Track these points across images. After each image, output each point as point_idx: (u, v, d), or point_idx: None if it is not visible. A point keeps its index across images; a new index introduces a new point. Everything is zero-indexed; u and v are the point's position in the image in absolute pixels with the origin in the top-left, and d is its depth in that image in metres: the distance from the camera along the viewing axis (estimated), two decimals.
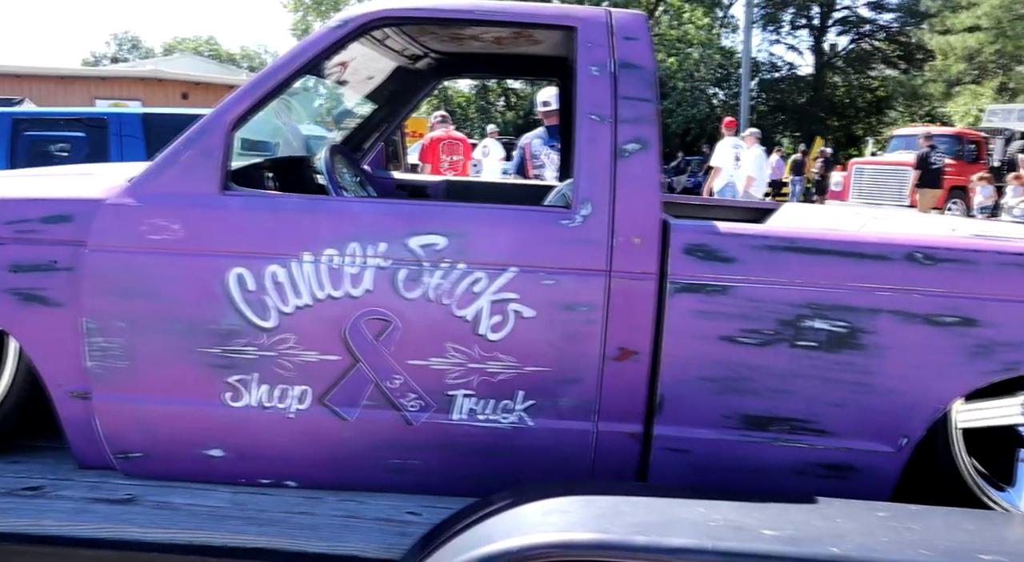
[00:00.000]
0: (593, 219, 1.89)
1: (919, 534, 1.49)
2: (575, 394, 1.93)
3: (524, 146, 5.13)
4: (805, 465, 1.94)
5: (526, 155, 5.03)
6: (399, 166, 7.59)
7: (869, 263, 1.85)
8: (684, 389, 1.92)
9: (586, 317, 1.89)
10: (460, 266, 1.89)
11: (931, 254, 1.84)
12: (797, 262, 1.86)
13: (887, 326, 1.85)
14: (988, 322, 1.83)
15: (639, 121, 1.92)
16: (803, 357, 1.88)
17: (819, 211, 3.25)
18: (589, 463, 1.98)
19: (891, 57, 29.28)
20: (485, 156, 10.50)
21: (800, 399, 1.90)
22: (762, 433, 1.93)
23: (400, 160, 7.90)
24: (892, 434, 1.90)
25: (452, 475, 2.00)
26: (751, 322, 1.87)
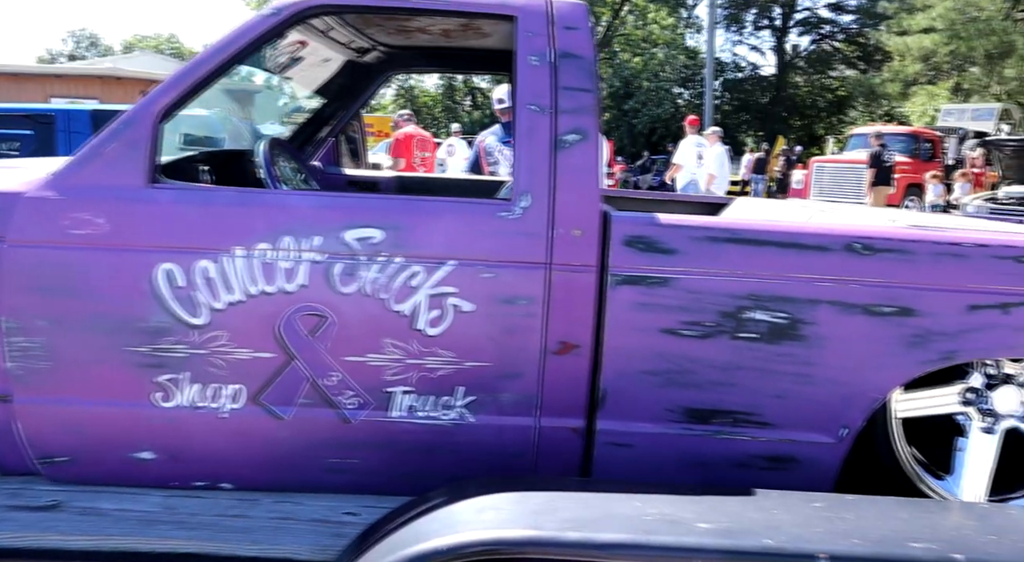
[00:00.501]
0: (532, 211, 1.86)
1: (853, 524, 1.48)
2: (516, 389, 1.90)
3: (479, 143, 5.06)
4: (748, 458, 1.94)
5: (480, 152, 5.01)
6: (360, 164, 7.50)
7: (809, 254, 1.85)
8: (626, 383, 1.90)
9: (526, 311, 1.86)
10: (397, 260, 1.84)
11: (869, 245, 1.84)
12: (738, 254, 1.85)
13: (827, 317, 1.85)
14: (925, 312, 1.84)
15: (579, 112, 1.90)
16: (744, 349, 1.87)
17: (770, 205, 3.26)
18: (532, 459, 1.95)
19: (851, 58, 29.84)
20: (451, 155, 10.44)
21: (742, 391, 1.89)
22: (705, 426, 1.92)
23: (361, 158, 7.82)
24: (833, 425, 1.91)
25: (392, 473, 1.96)
26: (692, 314, 1.86)
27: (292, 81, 3.45)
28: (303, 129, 3.43)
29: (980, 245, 1.85)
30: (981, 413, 2.00)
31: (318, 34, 2.61)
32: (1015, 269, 1.83)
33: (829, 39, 30.33)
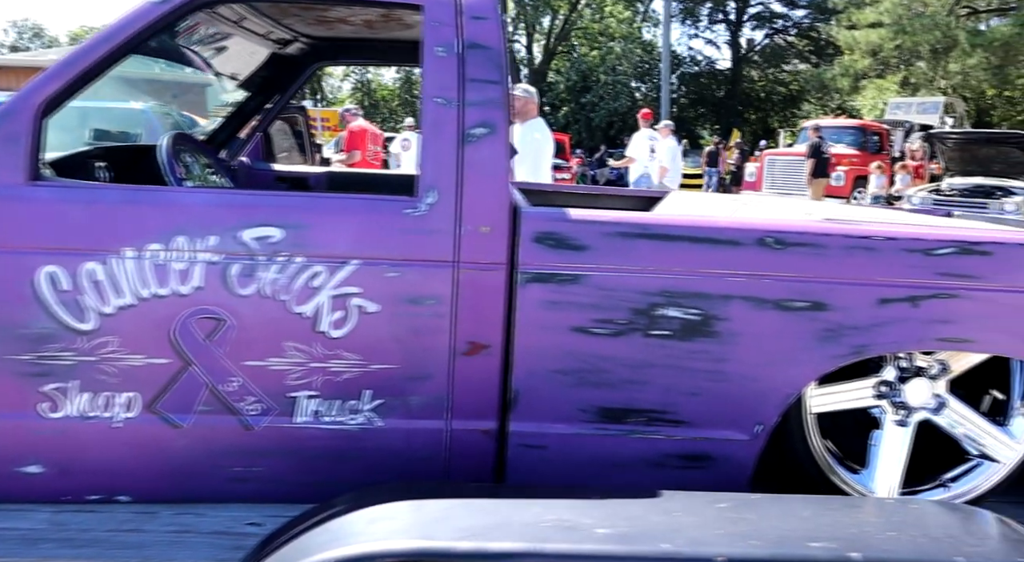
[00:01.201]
0: (439, 208, 1.80)
1: (754, 524, 1.45)
2: (425, 391, 1.84)
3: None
4: (663, 457, 1.91)
5: None
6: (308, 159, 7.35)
7: (721, 249, 1.82)
8: (538, 383, 1.85)
9: (433, 311, 1.80)
10: (298, 259, 1.77)
11: (781, 239, 1.82)
12: (649, 249, 1.82)
13: (740, 313, 1.83)
14: (837, 306, 1.83)
15: (487, 104, 1.84)
16: (657, 347, 1.84)
17: (701, 199, 3.25)
18: (443, 463, 1.89)
19: (803, 52, 30.32)
20: (405, 150, 10.31)
21: (656, 390, 1.86)
22: (619, 426, 1.88)
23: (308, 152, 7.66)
24: (747, 422, 1.89)
25: (299, 481, 1.89)
26: (604, 312, 1.82)
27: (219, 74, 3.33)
28: (228, 123, 3.31)
29: (889, 238, 1.84)
30: (894, 406, 2.00)
31: (231, 24, 2.51)
32: (923, 262, 1.83)
33: (782, 33, 30.78)
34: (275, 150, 7.51)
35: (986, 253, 1.84)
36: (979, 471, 2.03)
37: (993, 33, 18.63)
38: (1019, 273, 1.85)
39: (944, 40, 19.35)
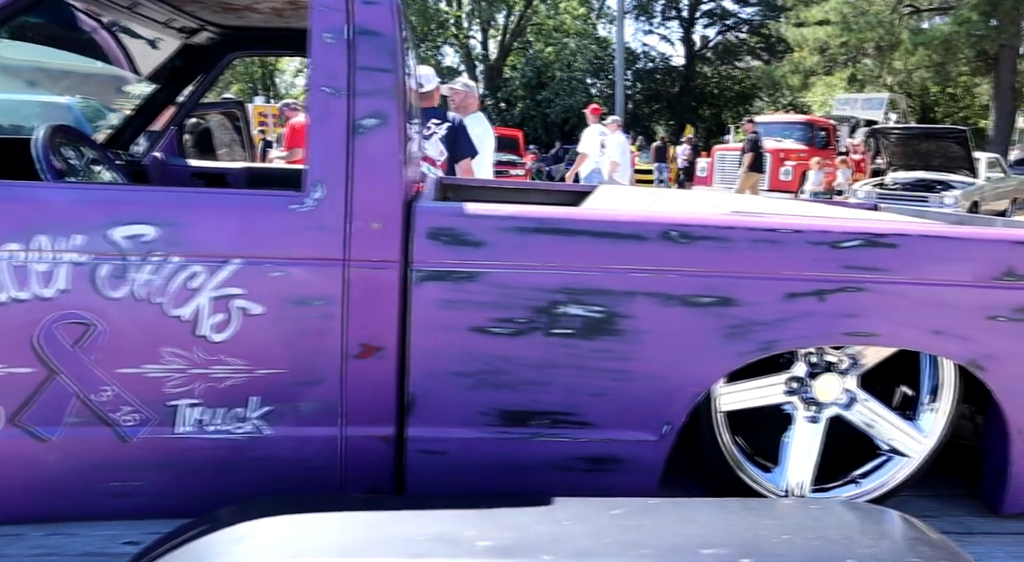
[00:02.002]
0: (327, 203, 1.70)
1: (648, 531, 1.39)
2: (316, 397, 1.74)
3: None
4: (568, 460, 1.84)
5: None
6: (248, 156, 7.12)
7: (624, 244, 1.75)
8: (436, 386, 1.76)
9: (322, 312, 1.70)
10: (174, 259, 1.65)
11: (686, 232, 1.76)
12: (549, 244, 1.74)
13: (644, 309, 1.76)
14: (743, 301, 1.78)
15: (378, 94, 1.74)
16: (559, 346, 1.76)
17: (628, 193, 3.20)
18: (338, 472, 1.80)
19: (755, 49, 30.73)
20: None
21: (559, 391, 1.79)
22: (522, 429, 1.81)
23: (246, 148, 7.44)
24: (654, 422, 1.83)
25: (184, 495, 1.77)
26: (503, 311, 1.74)
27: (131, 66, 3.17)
28: (136, 117, 3.15)
29: (796, 231, 1.79)
30: (805, 402, 1.97)
31: (122, 10, 2.37)
32: (830, 255, 1.79)
33: (734, 30, 31.16)
34: (216, 145, 7.28)
35: (892, 245, 1.81)
36: (889, 466, 2.01)
37: (934, 32, 19.04)
38: (924, 265, 1.82)
39: (888, 38, 19.72)
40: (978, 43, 18.61)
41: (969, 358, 1.86)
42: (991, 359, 1.86)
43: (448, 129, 4.21)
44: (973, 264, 1.84)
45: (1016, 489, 1.95)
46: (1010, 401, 1.89)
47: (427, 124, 4.19)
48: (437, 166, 4.20)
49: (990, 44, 18.48)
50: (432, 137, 4.22)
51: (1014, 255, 1.84)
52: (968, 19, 17.66)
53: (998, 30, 18.11)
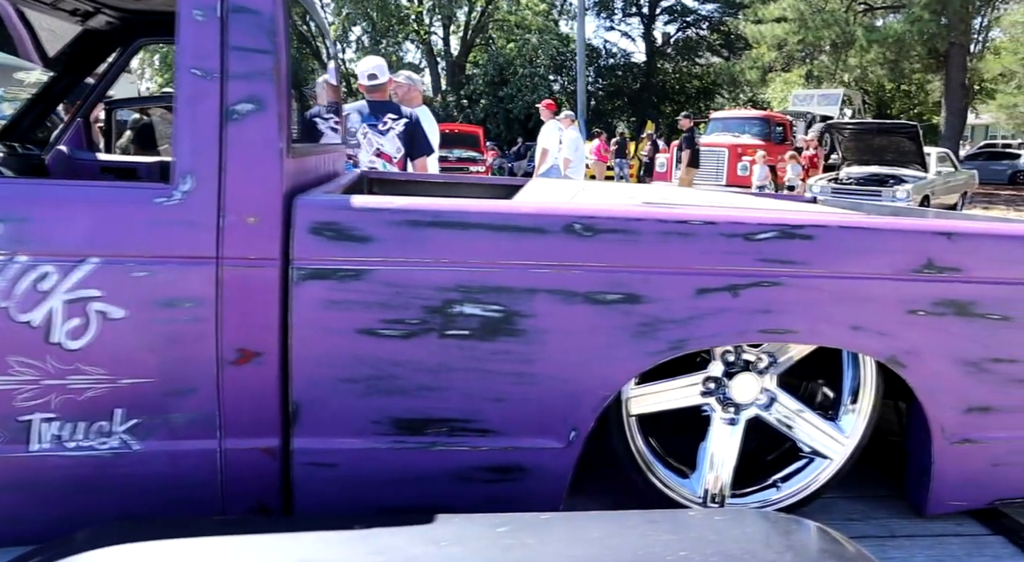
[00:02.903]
0: (196, 196, 1.55)
1: (532, 551, 1.27)
2: (190, 408, 1.59)
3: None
4: (469, 470, 1.72)
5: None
6: None
7: (523, 238, 1.63)
8: (323, 393, 1.63)
9: (193, 315, 1.55)
10: (20, 258, 1.49)
11: (590, 225, 1.65)
12: (443, 239, 1.62)
13: (546, 308, 1.65)
14: (652, 297, 1.67)
15: (254, 77, 1.60)
16: (455, 348, 1.64)
17: (558, 186, 3.08)
18: (218, 488, 1.65)
19: (715, 45, 30.96)
20: None
21: (456, 396, 1.67)
22: (418, 438, 1.68)
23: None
24: (560, 428, 1.71)
25: (41, 518, 1.61)
26: (394, 311, 1.61)
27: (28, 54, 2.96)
28: (34, 107, 2.95)
29: (708, 223, 1.69)
30: (722, 404, 1.87)
31: None
32: (744, 248, 1.69)
33: (694, 27, 31.36)
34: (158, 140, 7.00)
35: (808, 237, 1.72)
36: (811, 469, 1.93)
37: (887, 30, 19.34)
38: (842, 258, 1.73)
39: (843, 35, 20.00)
40: (929, 41, 18.97)
41: (889, 354, 1.78)
42: (911, 355, 1.79)
43: (405, 125, 4.05)
44: (892, 256, 1.76)
45: (939, 490, 1.88)
46: (931, 398, 1.82)
47: (383, 119, 4.02)
48: (394, 163, 4.04)
49: (941, 42, 18.83)
50: (389, 133, 4.05)
51: (933, 246, 1.77)
52: (919, 17, 17.98)
53: (948, 28, 18.46)
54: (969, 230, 1.81)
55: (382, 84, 4.10)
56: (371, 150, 3.99)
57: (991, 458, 1.89)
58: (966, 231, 1.80)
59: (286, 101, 1.64)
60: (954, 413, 1.83)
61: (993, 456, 1.89)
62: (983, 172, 19.69)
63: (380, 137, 3.94)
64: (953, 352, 1.80)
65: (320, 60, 2.64)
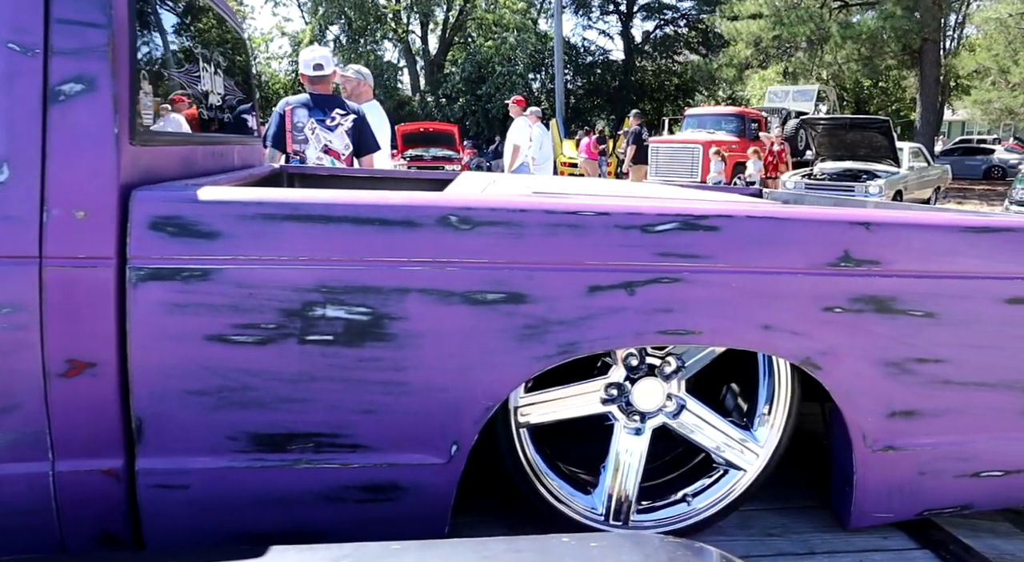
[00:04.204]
0: (13, 187, 1.37)
1: None
2: (13, 426, 1.42)
3: (284, 111, 3.84)
4: (340, 489, 1.55)
5: (286, 123, 3.85)
6: None
7: (392, 232, 1.47)
8: (169, 407, 1.46)
9: (11, 321, 1.37)
10: None
11: (467, 217, 1.49)
12: (301, 234, 1.45)
13: (419, 309, 1.49)
14: (538, 297, 1.52)
15: (84, 53, 1.42)
16: (318, 355, 1.48)
17: (480, 178, 2.93)
18: (53, 516, 1.47)
19: (692, 43, 30.93)
20: None
21: (322, 408, 1.50)
22: (281, 455, 1.51)
23: None
24: (440, 442, 1.55)
25: None
26: (247, 315, 1.44)
27: None
28: None
29: (601, 214, 1.54)
30: (626, 412, 1.72)
31: None
32: (641, 240, 1.54)
33: (672, 24, 31.31)
34: None
35: (713, 228, 1.57)
36: (724, 481, 1.78)
37: (861, 26, 19.35)
38: (751, 250, 1.58)
39: (818, 32, 19.96)
40: (903, 37, 18.98)
41: (803, 356, 1.64)
42: (828, 356, 1.64)
43: (354, 121, 3.86)
44: (805, 248, 1.61)
45: (862, 501, 1.74)
46: (850, 403, 1.67)
47: (330, 114, 3.83)
48: (342, 160, 3.85)
49: (914, 38, 18.85)
50: (337, 129, 3.86)
51: (850, 237, 1.62)
52: (892, 14, 17.98)
53: (921, 24, 18.48)
54: (889, 220, 1.66)
55: (326, 76, 3.89)
56: (319, 146, 3.81)
57: (918, 466, 1.75)
58: (886, 221, 1.66)
59: (127, 82, 1.47)
60: (876, 418, 1.69)
61: (919, 463, 1.75)
62: (959, 167, 19.78)
63: (328, 133, 3.76)
64: (873, 352, 1.66)
65: (222, 45, 2.46)
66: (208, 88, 2.24)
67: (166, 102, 1.89)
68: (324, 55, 3.91)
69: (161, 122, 2.48)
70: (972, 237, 1.69)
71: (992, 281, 1.70)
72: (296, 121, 3.78)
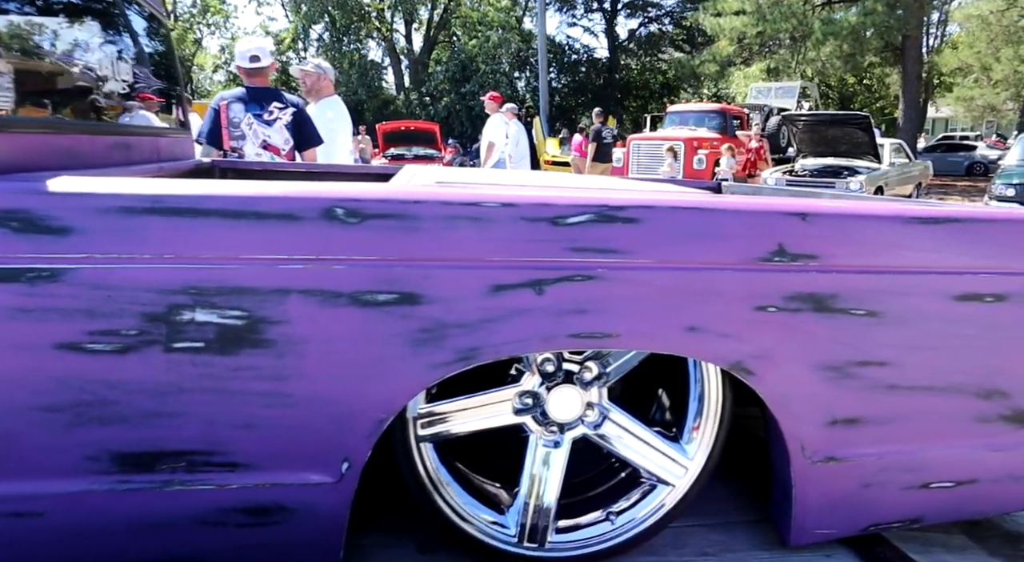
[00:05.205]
0: None
1: None
2: None
3: (219, 106, 3.69)
4: (218, 513, 1.39)
5: (222, 118, 3.70)
6: None
7: (270, 226, 1.32)
8: (16, 425, 1.30)
9: None
10: None
11: (354, 210, 1.34)
12: (166, 229, 1.29)
13: (300, 312, 1.33)
14: (434, 297, 1.37)
15: None
16: (187, 364, 1.32)
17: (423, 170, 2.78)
18: None
19: (677, 40, 30.87)
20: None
21: (194, 423, 1.35)
22: (149, 476, 1.36)
23: None
24: (329, 459, 1.40)
25: None
26: (104, 320, 1.28)
27: None
28: None
29: (505, 205, 1.39)
30: (542, 423, 1.57)
31: None
32: (551, 234, 1.39)
33: (656, 22, 31.24)
34: None
35: (632, 220, 1.42)
36: (651, 497, 1.64)
37: (843, 22, 19.31)
38: (675, 245, 1.44)
39: (801, 28, 19.91)
40: (885, 34, 18.94)
41: (734, 360, 1.49)
42: (761, 360, 1.50)
43: (293, 115, 3.70)
44: (735, 242, 1.47)
45: (803, 517, 1.60)
46: (787, 411, 1.53)
47: (268, 108, 3.66)
48: (282, 156, 3.69)
49: (894, 35, 18.83)
50: (276, 123, 3.70)
51: (785, 229, 1.48)
52: (874, 10, 17.94)
53: (902, 21, 18.45)
54: (828, 210, 1.52)
55: (263, 68, 3.73)
56: (257, 142, 3.64)
57: (862, 478, 1.61)
58: (824, 211, 1.52)
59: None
60: (815, 427, 1.55)
61: (864, 475, 1.61)
62: (941, 164, 19.79)
63: (266, 128, 3.59)
64: (811, 355, 1.52)
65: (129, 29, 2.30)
66: (109, 74, 2.08)
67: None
68: (260, 46, 3.74)
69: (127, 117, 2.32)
70: (918, 228, 1.55)
71: (940, 276, 1.57)
72: (232, 117, 3.61)
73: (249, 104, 3.65)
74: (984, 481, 1.69)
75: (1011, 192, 10.53)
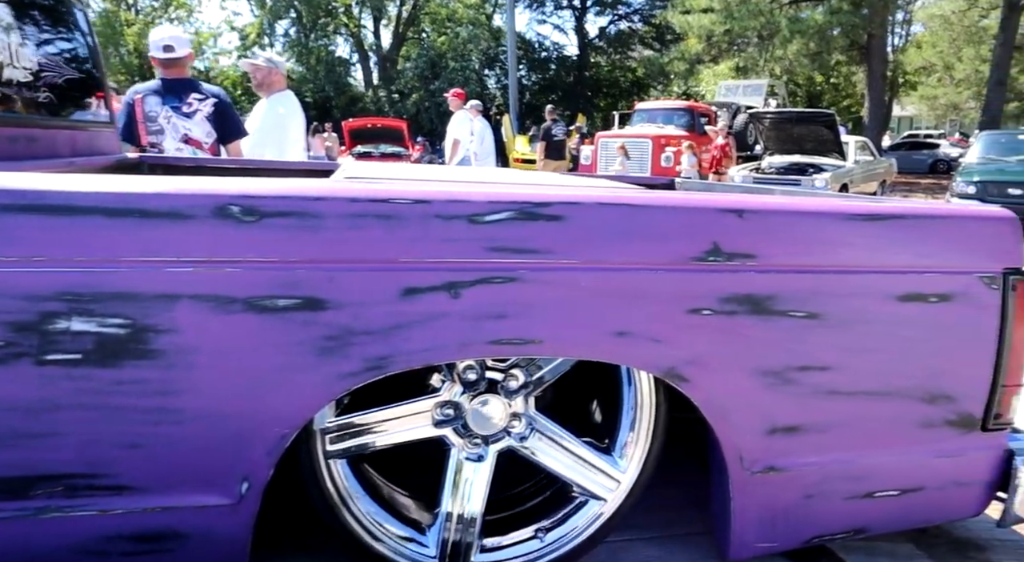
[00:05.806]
0: None
1: None
2: None
3: (134, 101, 3.51)
4: (102, 541, 1.27)
5: (137, 113, 3.53)
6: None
7: (155, 225, 1.20)
8: None
9: None
10: None
11: (252, 207, 1.22)
12: (35, 228, 1.17)
13: (190, 319, 1.22)
14: (339, 302, 1.26)
15: None
16: (63, 378, 1.20)
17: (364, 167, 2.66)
18: None
19: (646, 38, 30.96)
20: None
21: (72, 444, 1.22)
22: (21, 503, 1.23)
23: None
24: (226, 479, 1.29)
25: None
26: None
27: None
28: None
29: (417, 201, 1.28)
30: (464, 436, 1.47)
31: None
32: (467, 233, 1.29)
33: (626, 20, 31.30)
34: None
35: (556, 218, 1.33)
36: (583, 512, 1.54)
37: (809, 21, 19.47)
38: (602, 244, 1.34)
39: (768, 26, 20.04)
40: (851, 32, 19.14)
41: (666, 366, 1.40)
42: (695, 366, 1.41)
43: (215, 105, 3.54)
44: (667, 241, 1.38)
45: (742, 530, 1.52)
46: (724, 419, 1.45)
47: (186, 100, 3.50)
48: (205, 149, 3.53)
49: (859, 34, 19.04)
50: (196, 115, 3.54)
51: (720, 227, 1.39)
52: (839, 9, 18.11)
53: (867, 20, 18.65)
54: (765, 207, 1.44)
55: (179, 58, 3.54)
56: (177, 136, 3.47)
57: (803, 488, 1.53)
58: (761, 208, 1.43)
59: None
60: (753, 436, 1.47)
61: (805, 485, 1.53)
62: (906, 161, 20.03)
63: (186, 121, 3.43)
64: (749, 360, 1.44)
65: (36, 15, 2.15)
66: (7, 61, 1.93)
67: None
68: (175, 35, 3.57)
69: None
70: (860, 226, 1.48)
71: (883, 276, 1.49)
72: (148, 110, 3.43)
73: (166, 96, 3.47)
74: (930, 488, 1.63)
75: (972, 190, 10.64)
